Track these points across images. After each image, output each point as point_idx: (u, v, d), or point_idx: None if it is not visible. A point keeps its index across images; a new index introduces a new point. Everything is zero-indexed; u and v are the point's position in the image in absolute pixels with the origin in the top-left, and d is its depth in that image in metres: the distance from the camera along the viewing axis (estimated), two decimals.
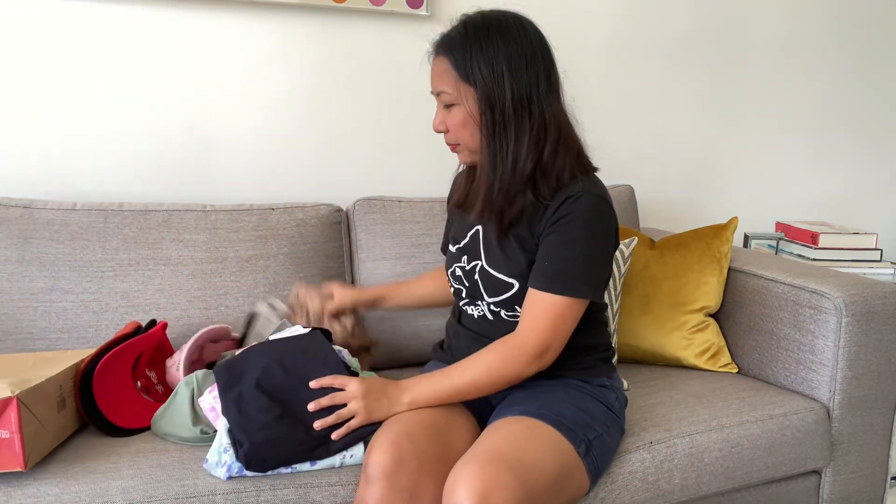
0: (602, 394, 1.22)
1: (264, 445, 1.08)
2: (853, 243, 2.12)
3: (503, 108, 1.11)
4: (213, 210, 1.62)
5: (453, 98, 1.14)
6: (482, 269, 1.22)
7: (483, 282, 1.22)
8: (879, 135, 2.54)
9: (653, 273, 1.70)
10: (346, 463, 1.14)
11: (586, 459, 1.11)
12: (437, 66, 1.16)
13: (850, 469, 1.51)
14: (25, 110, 1.63)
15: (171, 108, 1.73)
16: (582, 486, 1.12)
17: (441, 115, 1.18)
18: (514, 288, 1.18)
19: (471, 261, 1.24)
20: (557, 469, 1.05)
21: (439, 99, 1.17)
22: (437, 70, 1.16)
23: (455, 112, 1.15)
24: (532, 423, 1.10)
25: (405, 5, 1.83)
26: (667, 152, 2.27)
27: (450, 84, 1.13)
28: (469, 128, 1.14)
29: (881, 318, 1.47)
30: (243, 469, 1.09)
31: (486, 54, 1.10)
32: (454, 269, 1.28)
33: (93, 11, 1.64)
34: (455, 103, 1.14)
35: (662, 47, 2.19)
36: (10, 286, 1.45)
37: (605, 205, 1.14)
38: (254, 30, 1.77)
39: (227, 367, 1.18)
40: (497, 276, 1.19)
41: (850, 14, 2.41)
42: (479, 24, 1.13)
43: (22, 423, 1.03)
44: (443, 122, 1.17)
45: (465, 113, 1.13)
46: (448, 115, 1.16)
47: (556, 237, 1.12)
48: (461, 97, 1.13)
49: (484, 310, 1.24)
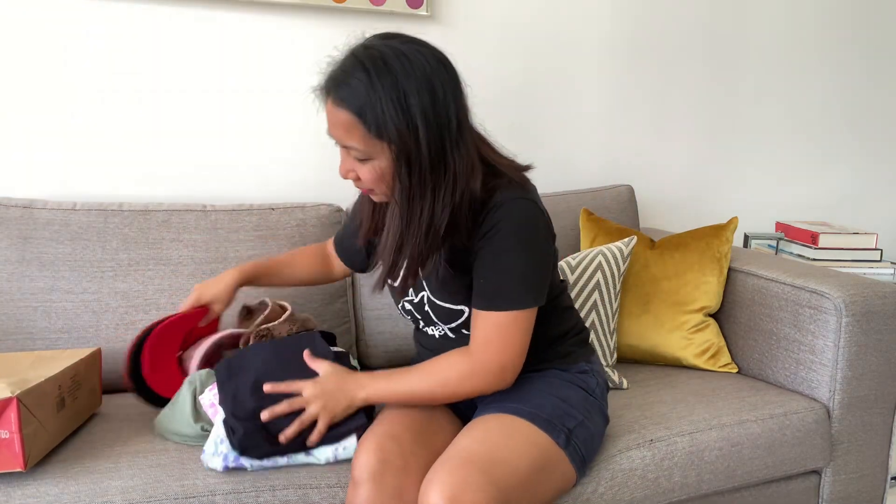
0: (582, 380, 1.21)
1: (258, 432, 1.09)
2: (853, 243, 2.12)
3: (420, 165, 1.00)
4: (213, 210, 1.62)
5: (364, 154, 1.02)
6: (430, 300, 1.17)
7: (434, 312, 1.18)
8: (879, 135, 2.55)
9: (653, 273, 1.70)
10: (339, 456, 1.15)
11: (568, 449, 1.11)
12: (338, 117, 1.01)
13: (850, 469, 1.51)
14: (25, 110, 1.63)
15: (170, 107, 1.73)
16: (567, 476, 1.12)
17: (349, 163, 1.06)
18: (466, 313, 1.15)
19: (417, 292, 1.19)
20: (532, 463, 1.05)
21: (345, 151, 1.06)
22: (340, 121, 1.01)
23: (368, 168, 1.03)
24: (507, 420, 1.10)
25: (405, 5, 1.83)
26: (666, 152, 2.27)
27: (358, 140, 1.01)
28: (386, 180, 1.04)
29: (881, 318, 1.47)
30: (239, 458, 1.09)
31: (397, 106, 0.97)
32: (403, 304, 1.23)
33: (92, 11, 1.64)
34: (367, 159, 1.03)
35: (662, 47, 2.19)
36: (10, 286, 1.45)
37: (529, 205, 1.07)
38: (254, 29, 1.77)
39: (228, 364, 1.19)
40: (446, 307, 1.16)
41: (849, 14, 2.41)
42: (381, 66, 0.98)
43: (22, 424, 1.03)
44: (352, 170, 1.06)
45: (380, 169, 1.02)
46: (359, 168, 1.05)
47: (488, 252, 1.06)
48: (374, 152, 1.01)
49: (444, 329, 1.22)
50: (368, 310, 1.69)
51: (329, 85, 1.03)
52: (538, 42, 2.02)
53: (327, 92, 1.04)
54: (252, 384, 1.14)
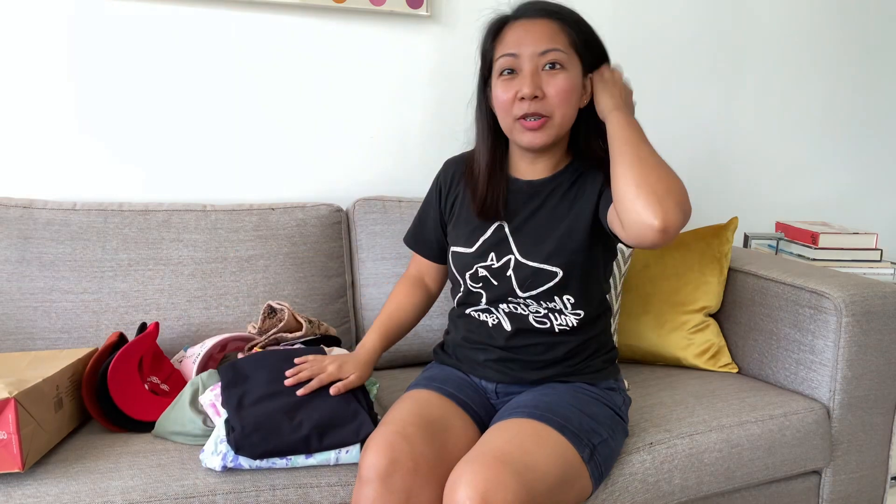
0: (609, 397, 1.22)
1: (256, 431, 1.08)
2: (853, 243, 2.12)
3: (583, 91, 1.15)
4: (213, 210, 1.62)
5: (565, 60, 1.10)
6: (517, 262, 1.17)
7: (518, 275, 1.17)
8: (880, 135, 2.54)
9: (653, 273, 1.70)
10: (341, 460, 1.13)
11: (590, 464, 1.11)
12: (541, 27, 1.11)
13: (850, 469, 1.51)
14: (25, 110, 1.63)
15: (170, 107, 1.73)
16: (584, 490, 1.12)
17: (536, 79, 1.09)
18: (558, 276, 1.15)
19: (500, 257, 1.19)
20: (560, 473, 1.05)
21: (542, 58, 1.10)
22: (547, 30, 1.11)
23: (561, 78, 1.10)
24: (537, 426, 1.09)
25: (405, 5, 1.83)
26: (666, 152, 2.25)
27: (562, 44, 1.10)
28: (571, 100, 1.11)
29: (881, 318, 1.47)
30: (237, 458, 1.09)
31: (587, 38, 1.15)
32: (475, 270, 1.21)
33: (93, 11, 1.64)
34: (563, 66, 1.10)
35: (662, 48, 2.18)
36: (10, 286, 1.44)
37: None
38: (253, 29, 1.76)
39: (233, 367, 1.20)
40: (538, 267, 1.16)
41: (849, 14, 2.40)
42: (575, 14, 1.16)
43: (19, 424, 1.03)
44: (540, 86, 1.09)
45: (573, 80, 1.10)
46: (550, 80, 1.10)
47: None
48: (570, 63, 1.10)
49: (500, 318, 1.22)
50: (368, 310, 1.69)
51: (540, 5, 1.15)
52: None
53: (537, 10, 1.14)
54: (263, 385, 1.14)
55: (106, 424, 1.24)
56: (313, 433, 1.10)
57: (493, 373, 1.24)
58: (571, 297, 1.18)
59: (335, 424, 1.12)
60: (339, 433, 1.12)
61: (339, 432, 1.12)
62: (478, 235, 1.23)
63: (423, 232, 1.37)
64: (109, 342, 1.32)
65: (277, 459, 1.11)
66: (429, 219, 1.35)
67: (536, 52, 1.09)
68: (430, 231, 1.35)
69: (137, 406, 1.25)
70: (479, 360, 1.25)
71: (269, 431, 1.09)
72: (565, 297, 1.18)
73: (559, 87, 1.09)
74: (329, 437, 1.11)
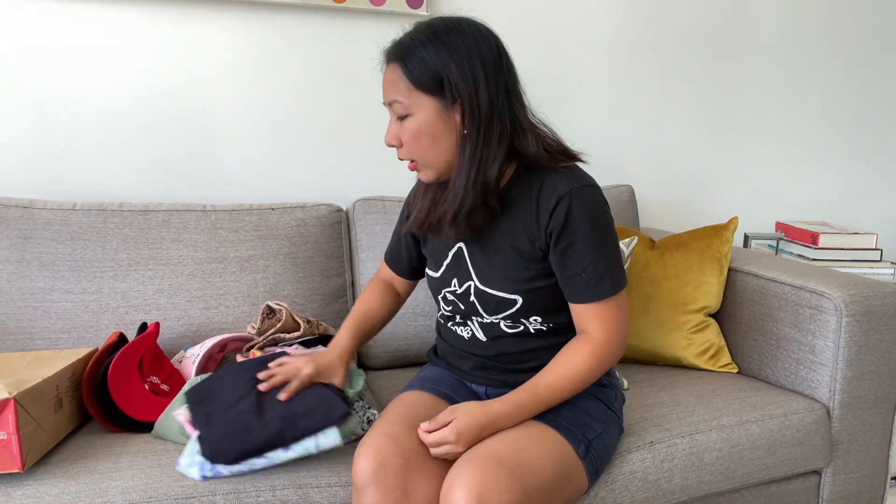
0: (602, 393, 1.22)
1: (227, 438, 1.07)
2: (853, 243, 2.12)
3: (460, 116, 1.06)
4: (213, 210, 1.62)
5: (406, 108, 1.07)
6: (477, 289, 1.17)
7: (480, 301, 1.18)
8: (879, 135, 2.54)
9: (653, 273, 1.70)
10: (321, 445, 1.09)
11: (586, 460, 1.11)
12: (388, 75, 1.10)
13: (850, 469, 1.51)
14: (25, 110, 1.63)
15: (170, 107, 1.73)
16: (580, 486, 1.12)
17: (394, 129, 1.11)
18: (518, 303, 1.15)
19: (462, 282, 1.20)
20: (555, 470, 1.05)
21: (391, 109, 1.10)
22: (389, 78, 1.09)
23: (408, 123, 1.08)
24: (530, 424, 1.10)
25: (405, 5, 1.83)
26: (667, 152, 2.27)
27: (401, 93, 1.07)
28: (423, 140, 1.08)
29: (881, 318, 1.47)
30: (215, 467, 1.07)
31: (441, 60, 1.04)
32: (444, 294, 1.23)
33: (94, 11, 1.64)
34: (408, 114, 1.08)
35: (662, 48, 2.18)
36: (10, 286, 1.44)
37: (594, 190, 1.11)
38: (254, 29, 1.76)
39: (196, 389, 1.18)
40: (497, 295, 1.16)
41: (849, 14, 2.40)
42: (435, 29, 1.07)
43: (19, 424, 1.03)
44: (395, 135, 1.11)
45: (418, 123, 1.07)
46: (401, 128, 1.09)
47: (577, 246, 1.09)
48: (414, 106, 1.07)
49: (474, 329, 1.22)
50: None
51: (388, 48, 1.11)
52: (538, 43, 2.02)
53: (386, 55, 1.11)
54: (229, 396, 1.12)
55: (106, 424, 1.24)
56: (285, 425, 1.08)
57: (480, 378, 1.24)
58: (539, 317, 1.17)
59: (304, 412, 1.09)
60: (311, 417, 1.09)
61: (311, 417, 1.09)
62: (441, 259, 1.23)
63: (395, 248, 1.37)
64: (109, 342, 1.32)
65: (256, 459, 1.08)
66: (394, 240, 1.37)
67: (386, 103, 1.11)
68: (402, 249, 1.35)
69: (137, 406, 1.25)
70: (465, 368, 1.26)
71: (240, 434, 1.07)
72: (532, 318, 1.17)
73: (407, 134, 1.09)
74: (302, 423, 1.09)
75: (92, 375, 1.24)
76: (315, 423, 1.09)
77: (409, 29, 1.10)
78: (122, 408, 1.23)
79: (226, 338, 1.41)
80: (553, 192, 1.09)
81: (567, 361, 1.11)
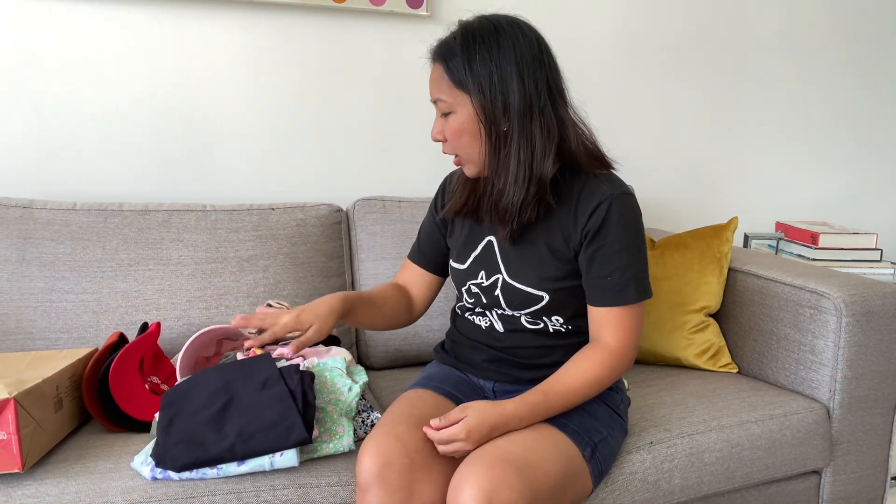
0: (608, 397, 1.22)
1: (178, 444, 1.06)
2: (853, 243, 2.12)
3: (502, 114, 1.08)
4: (213, 210, 1.62)
5: (449, 106, 1.12)
6: (505, 282, 1.19)
7: (506, 295, 1.19)
8: (879, 135, 2.54)
9: (653, 273, 1.70)
10: (276, 464, 1.09)
11: (591, 463, 1.12)
12: (433, 73, 1.15)
13: (850, 469, 1.51)
14: (25, 110, 1.63)
15: (171, 107, 1.73)
16: (585, 488, 1.12)
17: (439, 124, 1.15)
18: (544, 300, 1.16)
19: (490, 275, 1.21)
20: (562, 471, 1.05)
21: (437, 107, 1.15)
22: (434, 77, 1.14)
23: (451, 120, 1.12)
24: (538, 426, 1.10)
25: (405, 5, 1.83)
26: (667, 152, 2.27)
27: (444, 91, 1.11)
28: (465, 137, 1.12)
29: (881, 318, 1.47)
30: (165, 471, 1.07)
31: (481, 59, 1.07)
32: (468, 287, 1.24)
33: (94, 11, 1.64)
34: (451, 111, 1.12)
35: (663, 48, 2.18)
36: (10, 286, 1.44)
37: (633, 200, 1.16)
38: (254, 30, 1.76)
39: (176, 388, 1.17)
40: (524, 290, 1.17)
41: (850, 15, 2.40)
42: (475, 28, 1.10)
43: (19, 425, 1.03)
44: (440, 130, 1.15)
45: (460, 121, 1.11)
46: (445, 124, 1.14)
47: (608, 249, 1.12)
48: (456, 104, 1.11)
49: (492, 320, 1.23)
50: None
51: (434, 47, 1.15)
52: None
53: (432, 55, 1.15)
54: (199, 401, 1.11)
55: (106, 424, 1.24)
56: (238, 440, 1.07)
57: (490, 373, 1.24)
58: (560, 317, 1.19)
59: (262, 429, 1.08)
60: (265, 437, 1.07)
61: (266, 436, 1.07)
62: (469, 251, 1.24)
63: (421, 241, 1.37)
64: (109, 342, 1.32)
65: (208, 470, 1.08)
66: (423, 230, 1.37)
67: (432, 100, 1.15)
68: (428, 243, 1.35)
69: (138, 406, 1.25)
70: (476, 360, 1.25)
71: (193, 444, 1.07)
72: (554, 317, 1.19)
73: (450, 130, 1.13)
74: (255, 442, 1.07)
75: (92, 375, 1.24)
76: (268, 444, 1.08)
77: (454, 28, 1.13)
78: (123, 407, 1.23)
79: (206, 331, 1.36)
80: (594, 195, 1.13)
81: (581, 368, 1.12)
